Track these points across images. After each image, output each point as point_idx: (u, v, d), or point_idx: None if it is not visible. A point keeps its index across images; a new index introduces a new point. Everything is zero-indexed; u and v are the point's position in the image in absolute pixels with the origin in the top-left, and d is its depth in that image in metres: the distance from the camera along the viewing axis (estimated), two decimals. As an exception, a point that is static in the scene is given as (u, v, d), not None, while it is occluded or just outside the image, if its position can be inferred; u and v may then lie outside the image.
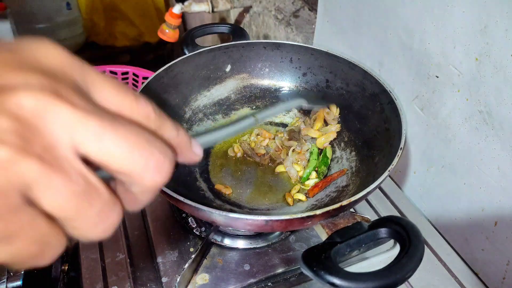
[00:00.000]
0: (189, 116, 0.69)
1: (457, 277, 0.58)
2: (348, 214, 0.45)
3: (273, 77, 0.74)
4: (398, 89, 0.69)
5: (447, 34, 0.56)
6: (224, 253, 0.57)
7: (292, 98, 0.61)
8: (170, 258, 0.56)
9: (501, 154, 0.53)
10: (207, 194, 0.60)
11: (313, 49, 0.69)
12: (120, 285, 0.53)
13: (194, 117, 0.70)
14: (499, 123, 0.52)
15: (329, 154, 0.64)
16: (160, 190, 0.45)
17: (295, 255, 0.57)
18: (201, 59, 0.70)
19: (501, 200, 0.54)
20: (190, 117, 0.69)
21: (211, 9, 1.20)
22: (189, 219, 0.62)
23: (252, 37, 1.33)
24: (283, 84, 0.74)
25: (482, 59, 0.52)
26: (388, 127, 0.57)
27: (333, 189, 0.60)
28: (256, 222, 0.42)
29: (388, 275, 0.35)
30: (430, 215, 0.69)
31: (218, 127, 0.32)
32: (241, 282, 0.54)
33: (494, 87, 0.51)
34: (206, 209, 0.42)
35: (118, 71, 1.43)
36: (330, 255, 0.37)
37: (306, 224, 0.45)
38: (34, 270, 0.55)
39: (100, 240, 0.58)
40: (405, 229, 0.38)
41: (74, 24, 1.90)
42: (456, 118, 0.58)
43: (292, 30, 1.06)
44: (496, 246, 0.56)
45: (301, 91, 0.72)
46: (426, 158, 0.67)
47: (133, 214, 0.63)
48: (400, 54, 0.66)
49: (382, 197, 0.70)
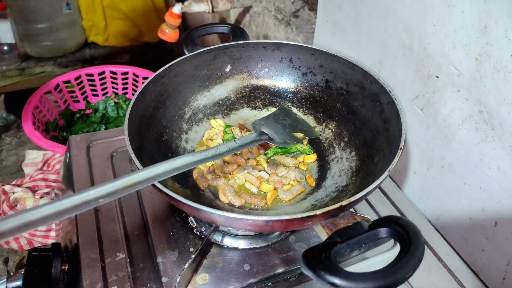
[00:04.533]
0: (189, 116, 0.69)
1: (457, 277, 0.58)
2: (348, 214, 0.45)
3: (273, 77, 0.74)
4: (398, 89, 0.69)
5: (447, 34, 0.56)
6: (224, 253, 0.57)
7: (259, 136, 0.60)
8: (170, 258, 0.56)
9: (501, 154, 0.53)
10: (207, 194, 0.60)
11: (313, 49, 0.69)
12: (120, 285, 0.53)
13: (194, 117, 0.70)
14: (499, 123, 0.52)
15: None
16: (160, 190, 0.45)
17: (295, 255, 0.57)
18: (201, 59, 0.70)
19: (501, 200, 0.54)
20: (190, 117, 0.69)
21: (211, 9, 1.20)
22: (189, 219, 0.62)
23: (252, 37, 1.33)
24: (283, 84, 0.74)
25: (482, 59, 0.52)
26: (388, 127, 0.57)
27: (333, 189, 0.60)
28: (256, 222, 0.42)
29: (388, 275, 0.35)
30: (430, 215, 0.69)
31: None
32: (241, 282, 0.54)
33: (494, 87, 0.51)
34: (206, 209, 0.42)
35: (118, 71, 1.43)
36: (330, 255, 0.37)
37: (306, 224, 0.45)
38: (34, 270, 0.55)
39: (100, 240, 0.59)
40: (405, 229, 0.38)
41: (74, 24, 1.90)
42: (456, 118, 0.58)
43: (292, 30, 1.06)
44: (496, 246, 0.56)
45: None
46: (426, 158, 0.67)
47: (133, 214, 0.63)
48: (400, 54, 0.66)
49: (382, 197, 0.70)
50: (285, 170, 0.63)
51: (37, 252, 0.57)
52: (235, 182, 0.62)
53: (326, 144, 0.68)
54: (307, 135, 0.68)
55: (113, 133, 0.80)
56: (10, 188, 0.98)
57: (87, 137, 0.78)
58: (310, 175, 0.63)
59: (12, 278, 0.57)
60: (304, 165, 0.65)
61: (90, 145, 0.76)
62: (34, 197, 0.95)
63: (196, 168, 0.64)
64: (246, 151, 0.67)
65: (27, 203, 0.93)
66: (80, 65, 1.92)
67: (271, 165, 0.65)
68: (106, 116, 1.37)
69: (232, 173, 0.63)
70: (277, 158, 0.66)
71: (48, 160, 1.11)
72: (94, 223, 0.61)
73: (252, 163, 0.65)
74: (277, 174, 0.63)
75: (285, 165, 0.65)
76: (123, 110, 1.39)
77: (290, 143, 0.65)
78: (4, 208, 0.94)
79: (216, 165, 0.64)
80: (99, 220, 0.62)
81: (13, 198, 0.94)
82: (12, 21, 1.75)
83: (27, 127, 1.11)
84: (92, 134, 0.79)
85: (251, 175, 0.62)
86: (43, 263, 0.56)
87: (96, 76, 1.40)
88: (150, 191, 0.66)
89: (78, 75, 1.37)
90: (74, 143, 0.77)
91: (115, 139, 0.78)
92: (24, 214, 0.31)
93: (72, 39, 1.92)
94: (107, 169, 0.72)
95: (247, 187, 0.62)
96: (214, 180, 0.62)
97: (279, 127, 0.67)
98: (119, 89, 1.45)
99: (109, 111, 1.38)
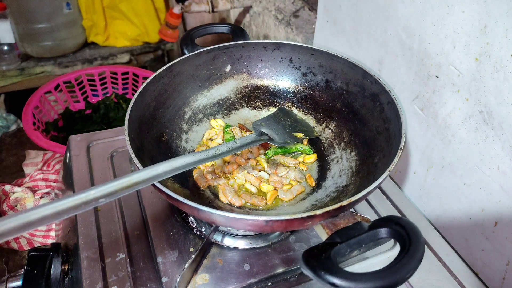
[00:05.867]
0: (189, 116, 0.69)
1: (457, 277, 0.58)
2: (348, 214, 0.45)
3: (273, 77, 0.74)
4: (398, 89, 0.69)
5: (447, 34, 0.56)
6: (224, 253, 0.57)
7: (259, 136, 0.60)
8: (170, 258, 0.56)
9: (501, 154, 0.53)
10: (207, 194, 0.60)
11: (313, 49, 0.69)
12: (120, 285, 0.53)
13: (194, 117, 0.70)
14: (499, 123, 0.52)
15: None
16: (160, 190, 0.45)
17: (295, 255, 0.57)
18: (201, 59, 0.70)
19: (501, 200, 0.54)
20: (190, 117, 0.69)
21: (211, 9, 1.20)
22: (189, 219, 0.62)
23: (252, 37, 1.33)
24: (283, 84, 0.74)
25: (482, 59, 0.52)
26: (388, 127, 0.57)
27: (333, 189, 0.60)
28: (256, 222, 0.42)
29: (388, 275, 0.35)
30: (430, 215, 0.69)
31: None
32: (241, 282, 0.54)
33: (494, 87, 0.51)
34: (206, 209, 0.42)
35: (118, 71, 1.43)
36: (330, 255, 0.37)
37: (306, 224, 0.44)
38: (34, 270, 0.55)
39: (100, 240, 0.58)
40: (405, 229, 0.38)
41: (74, 24, 1.89)
42: (456, 118, 0.58)
43: (292, 30, 1.06)
44: (496, 246, 0.56)
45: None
46: (426, 158, 0.67)
47: (133, 214, 0.63)
48: (400, 54, 0.66)
49: (382, 197, 0.70)
50: (285, 170, 0.63)
51: (37, 252, 0.57)
52: (235, 182, 0.62)
53: (326, 144, 0.68)
54: (307, 135, 0.68)
55: (113, 133, 0.80)
56: (10, 188, 0.98)
57: (87, 137, 0.78)
58: (310, 175, 0.63)
59: (12, 278, 0.57)
60: (304, 165, 0.65)
61: (90, 145, 0.76)
62: (34, 197, 0.95)
63: (196, 168, 0.64)
64: (246, 151, 0.67)
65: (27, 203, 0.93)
66: (80, 65, 1.92)
67: (271, 165, 0.65)
68: (106, 116, 1.37)
69: (232, 173, 0.63)
70: (277, 158, 0.67)
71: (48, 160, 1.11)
72: (94, 223, 0.61)
73: (252, 163, 0.65)
74: (277, 174, 0.63)
75: (285, 165, 0.65)
76: (123, 110, 1.39)
77: (290, 143, 0.65)
78: (4, 208, 0.94)
79: (216, 165, 0.64)
80: (99, 220, 0.62)
81: (13, 198, 0.94)
82: (12, 21, 1.75)
83: (27, 127, 1.11)
84: (92, 134, 0.79)
85: (251, 175, 0.62)
86: (43, 263, 0.56)
87: (96, 76, 1.40)
88: (150, 191, 0.66)
89: (78, 75, 1.37)
90: (74, 143, 0.77)
91: (115, 139, 0.78)
92: (24, 214, 0.31)
93: (72, 39, 1.92)
94: (107, 169, 0.72)
95: (247, 187, 0.62)
96: (214, 180, 0.62)
97: (279, 127, 0.67)
98: (119, 89, 1.45)
99: (109, 111, 1.38)
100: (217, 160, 0.56)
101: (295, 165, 0.65)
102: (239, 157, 0.65)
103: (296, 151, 0.67)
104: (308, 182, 0.63)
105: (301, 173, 0.64)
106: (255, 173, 0.63)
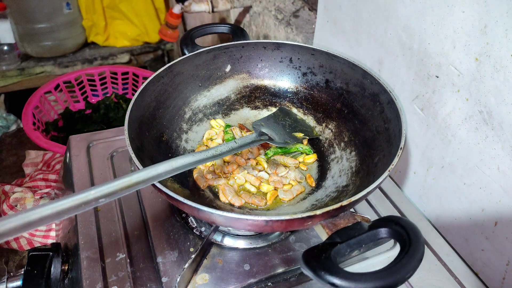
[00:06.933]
0: (189, 116, 0.69)
1: (457, 277, 0.58)
2: (348, 214, 0.45)
3: (273, 77, 0.74)
4: (398, 89, 0.69)
5: (447, 34, 0.56)
6: (224, 253, 0.57)
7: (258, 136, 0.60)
8: (170, 258, 0.56)
9: (501, 154, 0.53)
10: (207, 194, 0.60)
11: (313, 49, 0.69)
12: (120, 285, 0.53)
13: (194, 117, 0.70)
14: (499, 123, 0.52)
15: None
16: (160, 190, 0.45)
17: (295, 255, 0.57)
18: (201, 59, 0.70)
19: (501, 200, 0.54)
20: (190, 117, 0.69)
21: (211, 9, 1.20)
22: (189, 219, 0.62)
23: (252, 37, 1.33)
24: (283, 84, 0.74)
25: (482, 59, 0.52)
26: (388, 127, 0.57)
27: (333, 189, 0.60)
28: (256, 222, 0.42)
29: (388, 275, 0.35)
30: (430, 215, 0.69)
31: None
32: (241, 282, 0.54)
33: (494, 87, 0.51)
34: (206, 209, 0.42)
35: (118, 71, 1.43)
36: (330, 255, 0.37)
37: (306, 224, 0.44)
38: (34, 270, 0.55)
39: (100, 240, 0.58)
40: (405, 229, 0.38)
41: (74, 24, 1.90)
42: (456, 118, 0.58)
43: (292, 30, 1.06)
44: (496, 246, 0.56)
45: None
46: (426, 158, 0.67)
47: (133, 214, 0.63)
48: (400, 54, 0.66)
49: (382, 197, 0.70)
50: (285, 170, 0.63)
51: (37, 252, 0.57)
52: (235, 182, 0.62)
53: (326, 144, 0.68)
54: (307, 135, 0.68)
55: (113, 133, 0.80)
56: (10, 188, 0.98)
57: (87, 137, 0.78)
58: (310, 175, 0.63)
59: (12, 278, 0.57)
60: (304, 165, 0.65)
61: (90, 145, 0.76)
62: (34, 197, 0.95)
63: (196, 168, 0.64)
64: (246, 151, 0.66)
65: (27, 203, 0.93)
66: (80, 65, 1.92)
67: (271, 165, 0.65)
68: (106, 116, 1.37)
69: (232, 173, 0.63)
70: (277, 158, 0.66)
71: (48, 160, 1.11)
72: (94, 223, 0.61)
73: (252, 163, 0.65)
74: (277, 174, 0.63)
75: (285, 165, 0.65)
76: (123, 110, 1.39)
77: (290, 143, 0.65)
78: (4, 208, 0.94)
79: (216, 165, 0.64)
80: (99, 220, 0.62)
81: (13, 198, 0.94)
82: (12, 21, 1.75)
83: (27, 127, 1.11)
84: (92, 134, 0.79)
85: (251, 175, 0.62)
86: (43, 263, 0.56)
87: (96, 76, 1.40)
88: (150, 191, 0.66)
89: (78, 75, 1.37)
90: (74, 143, 0.77)
91: (115, 139, 0.78)
92: (24, 214, 0.31)
93: (72, 39, 1.92)
94: (107, 169, 0.72)
95: (247, 187, 0.61)
96: (214, 180, 0.62)
97: (279, 127, 0.67)
98: (119, 89, 1.45)
99: (109, 111, 1.38)
100: (217, 160, 0.57)
101: (295, 165, 0.65)
102: (239, 157, 0.65)
103: (296, 151, 0.67)
104: (308, 182, 0.63)
105: (301, 173, 0.64)
106: (255, 173, 0.63)
